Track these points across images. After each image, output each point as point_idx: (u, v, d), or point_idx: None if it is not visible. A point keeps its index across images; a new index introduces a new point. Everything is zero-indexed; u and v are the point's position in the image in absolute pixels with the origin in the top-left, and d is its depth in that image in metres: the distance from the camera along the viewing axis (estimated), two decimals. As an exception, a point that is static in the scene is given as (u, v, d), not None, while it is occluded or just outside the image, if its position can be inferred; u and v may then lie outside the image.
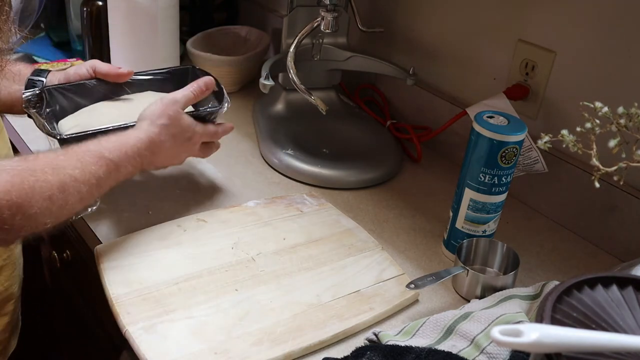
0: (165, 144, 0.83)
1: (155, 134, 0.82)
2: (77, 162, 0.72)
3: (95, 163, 0.73)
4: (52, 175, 0.69)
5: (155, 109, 0.83)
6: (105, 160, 0.75)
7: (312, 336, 0.71)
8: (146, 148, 0.80)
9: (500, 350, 0.68)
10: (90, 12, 1.25)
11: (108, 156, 0.75)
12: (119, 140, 0.78)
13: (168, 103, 0.84)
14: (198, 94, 0.87)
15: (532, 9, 0.97)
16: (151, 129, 0.82)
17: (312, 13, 1.11)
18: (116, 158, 0.76)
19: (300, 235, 0.88)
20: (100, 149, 0.75)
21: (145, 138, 0.80)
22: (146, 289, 0.75)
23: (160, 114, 0.83)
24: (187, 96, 0.86)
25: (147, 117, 0.83)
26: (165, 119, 0.83)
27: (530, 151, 0.94)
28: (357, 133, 1.15)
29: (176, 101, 0.85)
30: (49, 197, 0.68)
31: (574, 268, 0.90)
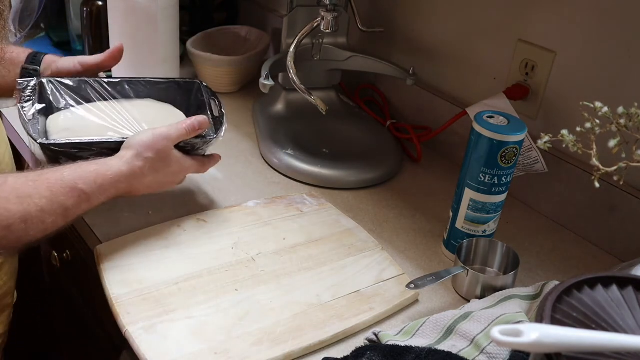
0: (146, 177, 0.81)
1: (138, 167, 0.79)
2: (47, 190, 0.70)
3: (66, 194, 0.72)
4: (15, 204, 0.67)
5: (145, 140, 0.80)
6: (78, 191, 0.73)
7: (312, 336, 0.71)
8: (125, 180, 0.78)
9: (500, 350, 0.68)
10: (90, 12, 1.25)
11: (82, 187, 0.73)
12: (97, 171, 0.76)
13: (159, 137, 0.81)
14: (190, 132, 0.83)
15: (532, 9, 0.97)
16: (135, 162, 0.79)
17: (312, 13, 1.11)
18: (89, 189, 0.74)
19: (300, 235, 0.88)
20: (75, 178, 0.73)
21: (127, 171, 0.78)
22: (146, 289, 0.75)
23: (148, 147, 0.80)
24: (179, 132, 0.83)
25: (134, 147, 0.80)
26: (152, 153, 0.80)
27: (530, 151, 0.94)
28: (357, 133, 1.15)
29: (168, 137, 0.82)
30: (8, 226, 0.67)
31: (574, 268, 0.90)
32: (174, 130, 0.82)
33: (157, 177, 0.82)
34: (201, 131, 0.85)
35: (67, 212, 0.72)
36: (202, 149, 0.88)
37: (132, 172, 0.79)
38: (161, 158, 0.81)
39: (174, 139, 0.82)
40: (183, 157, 0.84)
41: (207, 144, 0.87)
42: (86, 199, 0.74)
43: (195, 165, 0.87)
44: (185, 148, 0.85)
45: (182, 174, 0.86)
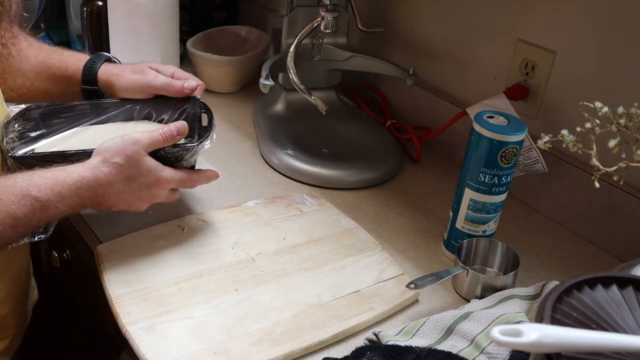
0: (115, 186, 0.74)
1: (104, 173, 0.73)
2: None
3: (16, 202, 0.66)
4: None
5: (112, 146, 0.75)
6: (30, 199, 0.67)
7: (312, 336, 0.71)
8: (89, 188, 0.72)
9: (500, 350, 0.68)
10: (90, 12, 1.25)
11: (35, 194, 0.68)
12: (55, 177, 0.70)
13: (128, 141, 0.75)
14: (167, 138, 0.77)
15: (532, 9, 0.97)
16: (100, 168, 0.73)
17: (312, 13, 1.11)
18: (45, 197, 0.68)
19: (300, 235, 0.88)
20: (29, 185, 0.68)
21: (90, 177, 0.72)
22: (146, 289, 0.75)
23: (115, 152, 0.74)
24: (154, 138, 0.76)
25: (100, 153, 0.75)
26: (120, 159, 0.74)
27: (530, 151, 0.94)
28: (357, 133, 1.15)
29: (137, 141, 0.75)
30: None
31: (574, 268, 0.90)
32: (147, 135, 0.76)
33: (130, 187, 0.76)
34: (180, 138, 0.79)
35: (16, 221, 0.66)
36: (185, 159, 0.81)
37: (96, 178, 0.73)
38: (131, 165, 0.75)
39: (145, 145, 0.76)
40: (160, 167, 0.78)
41: (188, 152, 0.81)
42: (40, 208, 0.68)
43: (179, 178, 0.80)
44: (167, 158, 0.79)
45: (161, 186, 0.79)
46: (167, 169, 0.79)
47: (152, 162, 0.77)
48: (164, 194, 0.80)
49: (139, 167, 0.76)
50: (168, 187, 0.80)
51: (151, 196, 0.79)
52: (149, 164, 0.77)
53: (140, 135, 0.76)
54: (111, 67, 0.91)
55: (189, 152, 0.81)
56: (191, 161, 0.83)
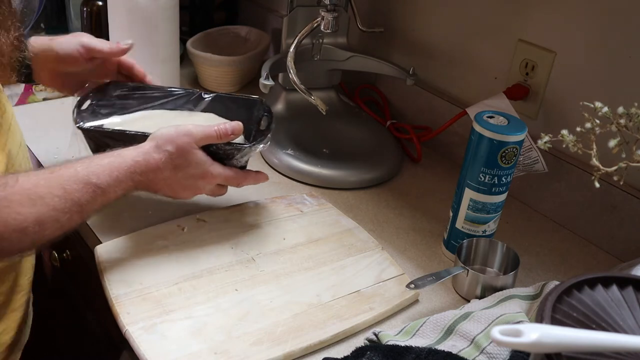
0: (163, 173, 0.77)
1: (155, 159, 0.76)
2: (60, 189, 0.68)
3: (80, 190, 0.69)
4: (28, 206, 0.65)
5: (166, 133, 0.78)
6: (92, 186, 0.71)
7: (312, 336, 0.71)
8: (141, 173, 0.76)
9: (500, 350, 0.68)
10: (90, 12, 1.25)
11: (95, 182, 0.71)
12: (111, 164, 0.73)
13: (181, 132, 0.78)
14: (221, 136, 0.80)
15: (532, 9, 0.97)
16: (152, 154, 0.77)
17: (312, 13, 1.11)
18: (104, 183, 0.72)
19: (300, 235, 0.88)
20: (89, 173, 0.71)
21: (142, 162, 0.76)
22: (146, 289, 0.75)
23: (168, 140, 0.77)
24: (207, 133, 0.79)
25: (154, 139, 0.78)
26: (171, 147, 0.77)
27: (530, 151, 0.94)
28: (357, 133, 1.15)
29: (190, 133, 0.78)
30: (23, 229, 0.65)
31: (574, 268, 0.90)
32: (200, 129, 0.79)
33: (177, 175, 0.79)
34: (234, 137, 0.81)
35: (82, 208, 0.70)
36: (236, 159, 0.84)
37: (147, 163, 0.76)
38: (181, 154, 0.78)
39: (197, 138, 0.79)
40: (209, 161, 0.80)
41: (240, 152, 0.83)
42: (101, 194, 0.72)
43: (226, 175, 0.82)
44: (217, 154, 0.82)
45: (207, 180, 0.81)
46: (215, 165, 0.81)
47: (201, 156, 0.80)
48: (209, 187, 0.83)
49: (187, 158, 0.78)
50: (214, 182, 0.82)
51: (196, 188, 0.82)
52: (198, 157, 0.79)
53: (194, 128, 0.79)
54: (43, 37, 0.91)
55: (241, 152, 0.83)
56: (242, 161, 0.85)
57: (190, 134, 0.78)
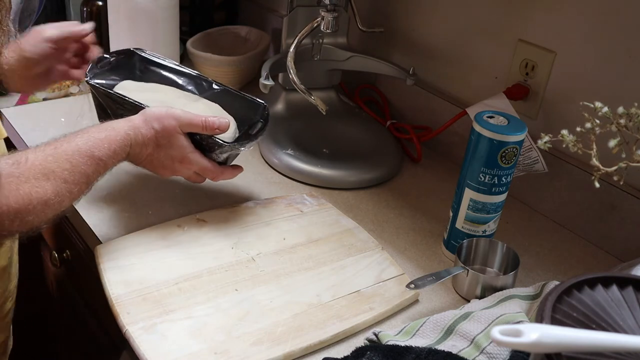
0: (147, 149, 0.81)
1: (142, 134, 0.80)
2: (67, 162, 0.72)
3: (84, 163, 0.74)
4: (45, 180, 0.69)
5: (157, 112, 0.82)
6: (95, 159, 0.75)
7: (312, 336, 0.71)
8: (131, 145, 0.79)
9: (500, 350, 0.68)
10: (90, 12, 1.25)
11: (97, 154, 0.75)
12: (108, 137, 0.77)
13: (169, 114, 0.81)
14: (207, 127, 0.82)
15: (532, 9, 0.97)
16: (140, 129, 0.80)
17: (312, 13, 1.11)
18: (105, 156, 0.76)
19: (300, 235, 0.88)
20: (90, 147, 0.75)
21: (132, 135, 0.79)
22: (146, 289, 0.75)
23: (156, 118, 0.81)
24: (193, 121, 0.82)
25: (145, 114, 0.82)
26: (157, 125, 0.81)
27: (530, 151, 0.94)
28: (357, 133, 1.15)
29: (178, 118, 0.81)
30: (46, 202, 0.69)
31: (574, 268, 0.90)
32: (188, 116, 0.82)
33: (159, 154, 0.82)
34: (218, 132, 0.83)
35: (88, 179, 0.75)
36: (216, 153, 0.85)
37: (137, 137, 0.80)
38: (165, 135, 0.81)
39: (183, 123, 0.81)
40: (190, 148, 0.83)
41: (220, 148, 0.84)
42: (103, 165, 0.76)
43: (204, 165, 0.85)
44: (200, 144, 0.84)
45: (185, 165, 0.84)
46: (196, 153, 0.84)
47: (183, 141, 0.82)
48: (186, 172, 0.86)
49: (170, 140, 0.81)
50: (191, 169, 0.85)
51: (174, 169, 0.85)
52: (180, 141, 0.82)
53: (183, 114, 0.82)
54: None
55: (221, 148, 0.85)
56: (221, 157, 0.87)
57: (178, 118, 0.81)
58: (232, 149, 0.85)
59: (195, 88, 0.95)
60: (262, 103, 0.92)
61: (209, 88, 0.95)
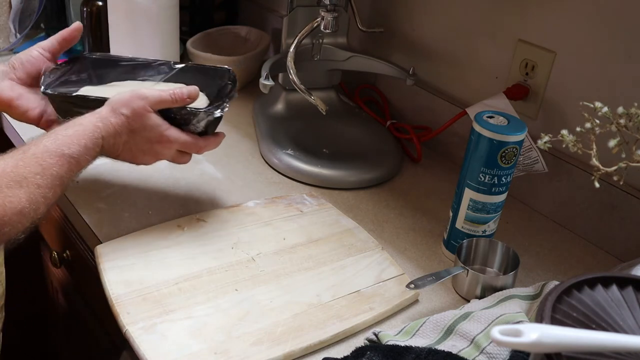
0: (122, 137, 0.78)
1: (112, 123, 0.77)
2: (38, 166, 0.69)
3: (56, 164, 0.71)
4: (17, 188, 0.67)
5: (121, 98, 0.79)
6: (67, 158, 0.72)
7: (312, 336, 0.71)
8: (102, 137, 0.77)
9: (500, 350, 0.68)
10: (90, 12, 1.25)
11: (68, 152, 0.72)
12: (77, 132, 0.74)
13: (135, 96, 0.78)
14: (177, 100, 0.80)
15: (532, 9, 0.97)
16: (109, 118, 0.77)
17: (312, 13, 1.11)
18: (76, 153, 0.73)
19: (300, 235, 0.88)
20: (59, 145, 0.72)
21: (102, 126, 0.77)
22: (146, 289, 0.75)
23: (123, 104, 0.78)
24: (161, 96, 0.79)
25: (110, 104, 0.79)
26: (126, 110, 0.78)
27: (530, 151, 0.94)
28: (357, 133, 1.15)
29: (145, 97, 0.79)
30: (20, 211, 0.67)
31: (574, 268, 0.90)
32: (155, 93, 0.79)
33: (135, 139, 0.79)
34: (190, 101, 0.81)
35: (62, 181, 0.72)
36: (193, 124, 0.83)
37: (106, 127, 0.77)
38: (136, 119, 0.78)
39: (151, 102, 0.79)
40: (165, 125, 0.80)
41: (196, 117, 0.82)
42: (75, 163, 0.73)
43: (184, 140, 0.82)
44: (175, 120, 0.82)
45: (164, 145, 0.81)
46: (172, 129, 0.81)
47: (156, 119, 0.80)
48: (168, 152, 0.83)
49: (143, 121, 0.79)
50: (172, 147, 0.82)
51: (155, 153, 0.82)
52: (153, 120, 0.79)
53: (148, 92, 0.79)
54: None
55: (197, 117, 0.83)
56: (199, 127, 0.84)
57: (145, 98, 0.79)
58: (208, 114, 0.83)
59: (157, 73, 0.94)
60: (226, 68, 0.92)
61: (170, 69, 0.94)
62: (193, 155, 0.87)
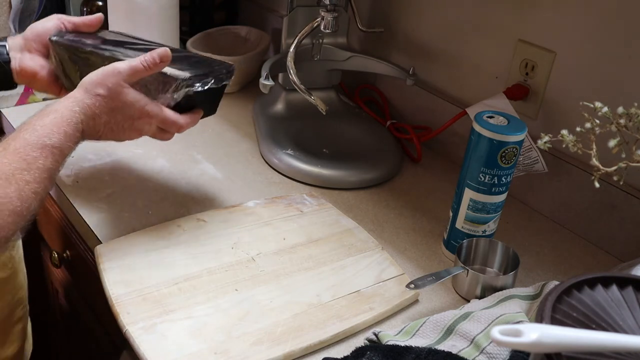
0: (101, 117, 0.75)
1: (88, 105, 0.74)
2: (22, 162, 0.67)
3: (40, 156, 0.68)
4: (6, 187, 0.64)
5: (94, 78, 0.75)
6: (49, 148, 0.69)
7: (312, 336, 0.71)
8: (81, 121, 0.74)
9: (500, 350, 0.68)
10: (90, 12, 1.25)
11: (50, 143, 0.69)
12: (54, 120, 0.71)
13: (108, 73, 0.75)
14: (150, 66, 0.76)
15: (532, 9, 0.97)
16: (85, 100, 0.74)
17: (312, 13, 1.11)
18: (58, 142, 0.70)
19: (300, 235, 0.88)
20: (39, 136, 0.69)
21: (78, 110, 0.73)
22: (146, 289, 0.75)
23: (97, 83, 0.74)
24: (134, 66, 0.75)
25: (83, 85, 0.75)
26: (102, 89, 0.74)
27: (530, 151, 0.94)
28: (357, 133, 1.15)
29: (118, 72, 0.75)
30: (13, 210, 0.65)
31: (574, 268, 0.90)
32: (126, 65, 0.75)
33: (115, 118, 0.76)
34: (163, 65, 0.77)
35: (49, 173, 0.69)
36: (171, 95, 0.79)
37: (84, 110, 0.74)
38: (113, 97, 0.75)
39: (125, 75, 0.75)
40: (145, 100, 0.77)
41: (172, 85, 0.78)
42: (59, 153, 0.71)
43: (164, 116, 0.78)
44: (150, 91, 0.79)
45: (145, 120, 0.78)
46: (152, 104, 0.78)
47: (134, 94, 0.76)
48: (149, 128, 0.80)
49: (121, 98, 0.75)
50: (152, 122, 0.79)
51: (135, 129, 0.79)
52: (131, 96, 0.76)
53: (119, 65, 0.75)
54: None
55: (175, 84, 0.79)
56: (178, 97, 0.80)
57: (118, 72, 0.75)
58: (188, 85, 0.78)
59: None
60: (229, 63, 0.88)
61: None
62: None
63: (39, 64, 0.87)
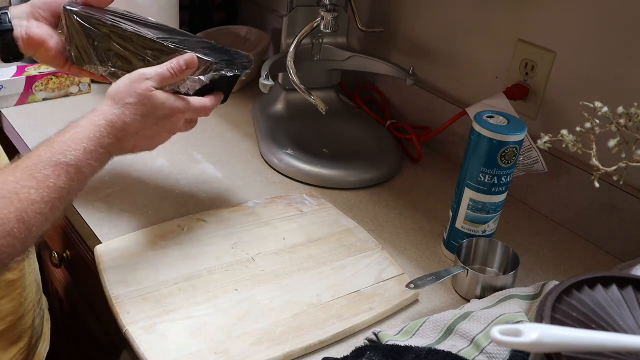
0: (132, 127, 0.73)
1: (117, 116, 0.72)
2: (31, 179, 0.63)
3: (51, 174, 0.65)
4: (6, 207, 0.61)
5: (121, 87, 0.74)
6: (63, 167, 0.66)
7: (312, 336, 0.71)
8: (108, 135, 0.71)
9: (500, 350, 0.68)
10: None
11: (64, 161, 0.66)
12: (74, 136, 0.68)
13: (135, 80, 0.74)
14: (177, 73, 0.76)
15: (532, 9, 0.97)
16: (112, 112, 0.72)
17: (312, 13, 1.11)
18: (74, 159, 0.67)
19: (300, 235, 0.88)
20: (54, 153, 0.66)
21: (104, 123, 0.71)
22: (146, 289, 0.75)
23: (126, 94, 0.73)
24: (161, 74, 0.75)
25: (111, 97, 0.74)
26: (132, 98, 0.73)
27: (530, 151, 0.94)
28: (357, 133, 1.15)
29: (146, 77, 0.74)
30: (9, 233, 0.61)
31: (574, 268, 0.90)
32: (153, 71, 0.75)
33: (148, 123, 0.75)
34: (189, 72, 0.77)
35: (61, 193, 0.66)
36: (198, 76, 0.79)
37: (111, 123, 0.71)
38: (144, 102, 0.73)
39: (154, 82, 0.74)
40: (172, 98, 0.76)
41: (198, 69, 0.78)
42: (75, 172, 0.67)
43: (192, 107, 0.78)
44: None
45: (177, 117, 0.77)
46: (179, 100, 0.77)
47: (162, 95, 0.75)
48: (181, 124, 0.79)
49: (152, 102, 0.74)
50: (183, 117, 0.79)
51: (168, 130, 0.78)
52: (160, 98, 0.75)
53: (147, 72, 0.75)
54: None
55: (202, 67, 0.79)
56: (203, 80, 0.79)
57: (146, 79, 0.74)
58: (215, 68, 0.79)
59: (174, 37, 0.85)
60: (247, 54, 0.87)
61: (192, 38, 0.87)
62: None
63: (47, 33, 0.84)
